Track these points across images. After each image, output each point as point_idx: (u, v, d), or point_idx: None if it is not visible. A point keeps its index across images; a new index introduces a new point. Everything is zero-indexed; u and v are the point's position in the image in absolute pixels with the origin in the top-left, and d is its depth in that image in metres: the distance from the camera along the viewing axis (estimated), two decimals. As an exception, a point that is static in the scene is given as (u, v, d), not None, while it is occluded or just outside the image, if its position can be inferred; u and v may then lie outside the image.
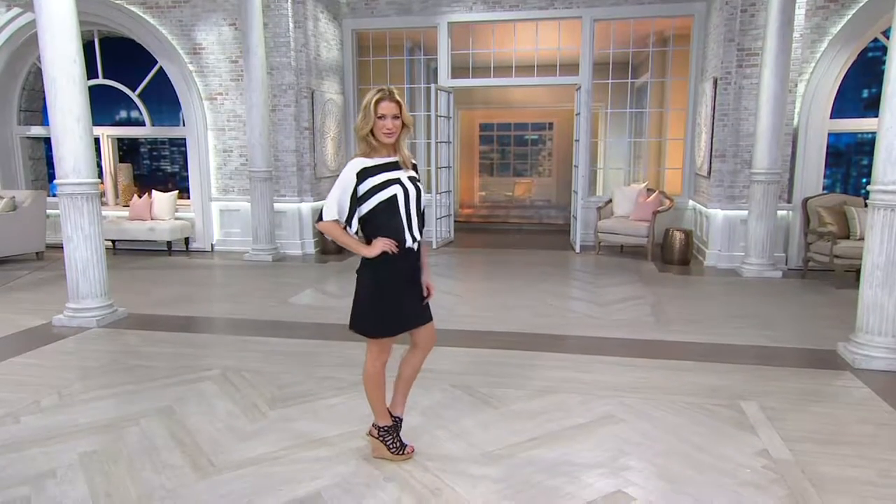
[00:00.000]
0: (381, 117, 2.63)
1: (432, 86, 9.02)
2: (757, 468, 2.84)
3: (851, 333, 4.30)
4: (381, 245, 2.65)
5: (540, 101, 14.08)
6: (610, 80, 9.20)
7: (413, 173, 2.78)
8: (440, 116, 9.15)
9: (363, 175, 2.64)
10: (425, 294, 2.87)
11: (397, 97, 2.65)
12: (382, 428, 2.91)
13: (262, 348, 4.66)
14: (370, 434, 2.95)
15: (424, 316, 2.87)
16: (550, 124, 15.34)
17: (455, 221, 10.41)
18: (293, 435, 3.20)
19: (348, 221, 2.68)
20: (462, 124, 14.77)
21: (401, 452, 2.91)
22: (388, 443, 2.91)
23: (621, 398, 3.67)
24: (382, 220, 2.68)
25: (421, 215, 2.80)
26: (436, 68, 9.57)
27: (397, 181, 2.69)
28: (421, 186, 2.80)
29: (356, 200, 2.65)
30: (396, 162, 2.73)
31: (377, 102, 2.62)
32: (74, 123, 4.88)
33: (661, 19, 8.74)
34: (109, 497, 2.62)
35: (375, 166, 2.68)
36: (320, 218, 2.71)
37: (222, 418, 3.39)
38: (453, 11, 9.02)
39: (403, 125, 2.70)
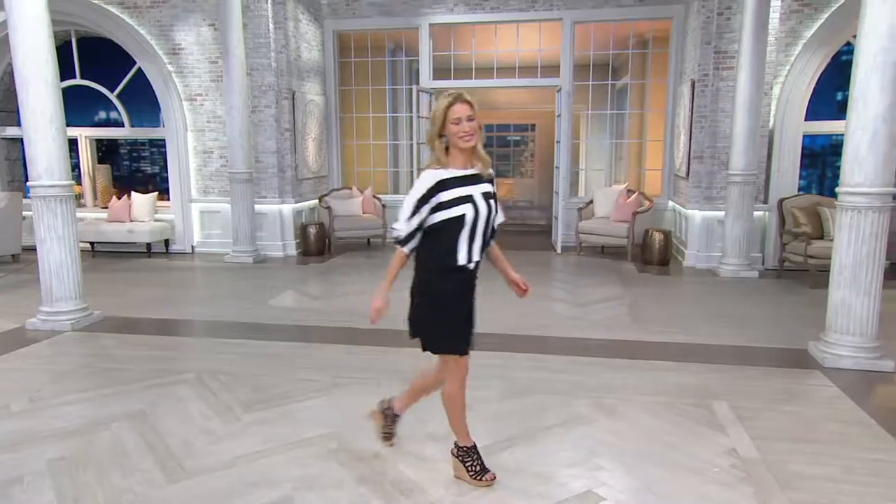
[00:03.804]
0: (456, 121, 2.43)
1: (414, 87, 9.02)
2: (725, 467, 2.88)
3: (821, 333, 4.37)
4: (374, 307, 2.62)
5: (522, 103, 14.13)
6: (591, 82, 9.27)
7: (489, 187, 2.57)
8: (422, 118, 9.16)
9: (438, 188, 2.45)
10: (523, 289, 2.85)
11: (468, 98, 2.47)
12: (463, 448, 2.76)
13: (239, 351, 4.63)
14: (452, 453, 2.81)
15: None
16: (533, 125, 15.41)
17: (438, 222, 10.42)
18: (267, 438, 3.19)
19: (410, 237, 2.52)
20: (445, 126, 14.77)
21: (480, 478, 2.72)
22: (467, 465, 2.74)
23: (596, 398, 3.70)
24: (441, 238, 2.51)
25: (492, 232, 2.64)
26: (418, 69, 9.57)
27: (469, 199, 2.48)
28: (494, 202, 2.59)
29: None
30: (477, 175, 2.54)
31: (448, 107, 2.44)
32: (47, 124, 4.82)
33: (641, 22, 8.82)
34: (76, 503, 2.60)
35: (453, 179, 2.48)
36: (398, 241, 2.54)
37: (196, 422, 3.37)
38: (434, 13, 9.03)
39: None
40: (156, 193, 8.95)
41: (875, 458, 2.98)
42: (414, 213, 2.48)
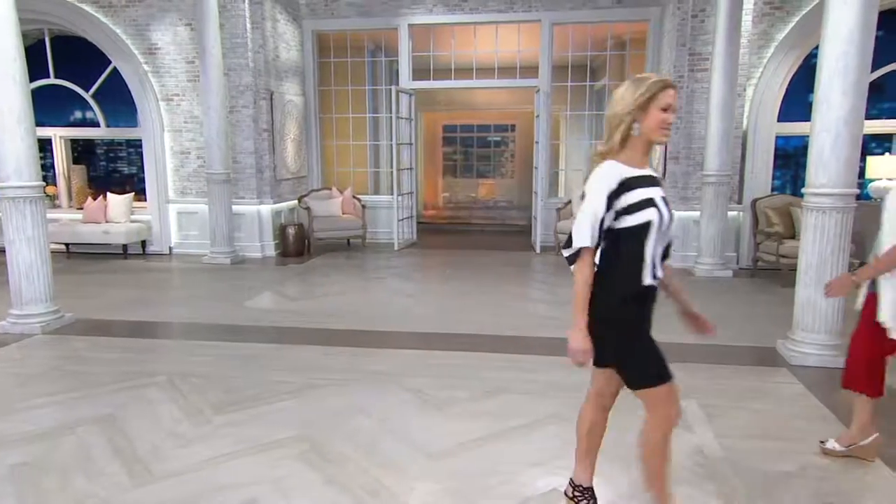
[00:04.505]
0: (665, 108, 2.06)
1: (393, 87, 9.02)
2: (690, 465, 2.93)
3: (789, 331, 4.45)
4: (574, 348, 2.14)
5: (502, 104, 14.20)
6: (569, 83, 9.33)
7: (664, 192, 2.19)
8: (401, 118, 9.16)
9: (624, 187, 2.06)
10: (707, 329, 2.46)
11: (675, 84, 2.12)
12: (577, 486, 2.49)
13: (213, 353, 4.60)
14: (566, 494, 2.53)
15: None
16: (513, 126, 15.48)
17: (419, 223, 10.44)
18: (237, 440, 3.17)
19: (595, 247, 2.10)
20: (425, 126, 14.81)
21: None
22: None
23: (568, 398, 3.71)
24: (624, 250, 2.11)
25: (668, 247, 2.21)
26: (398, 70, 9.57)
27: (653, 203, 2.08)
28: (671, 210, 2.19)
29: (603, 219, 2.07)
30: (654, 177, 2.17)
31: (661, 91, 2.05)
32: (15, 124, 4.75)
33: (618, 24, 8.90)
34: (39, 508, 2.58)
35: (637, 178, 2.09)
36: (568, 245, 2.14)
37: (165, 425, 3.35)
38: (413, 13, 9.04)
39: None
40: (132, 194, 8.86)
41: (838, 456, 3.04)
42: (594, 215, 2.06)
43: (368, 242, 9.46)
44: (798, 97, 7.96)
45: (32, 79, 7.83)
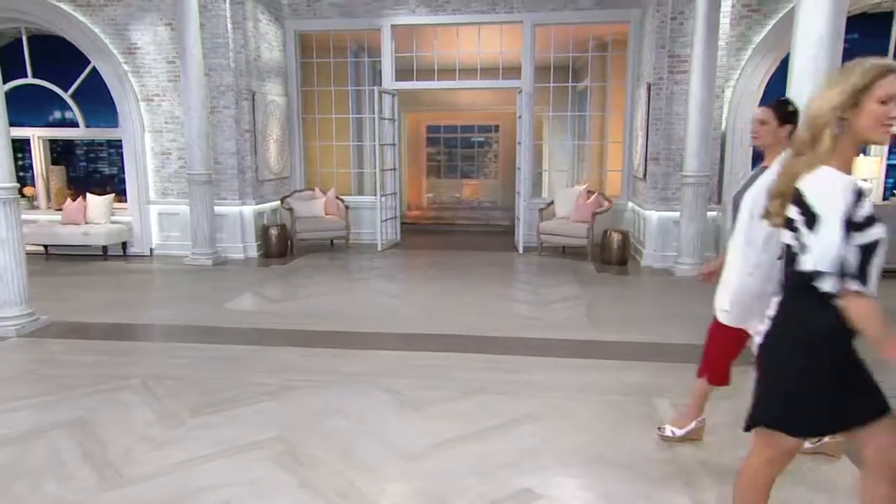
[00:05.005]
0: (886, 100, 1.69)
1: (375, 88, 9.02)
2: (660, 462, 2.96)
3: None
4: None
5: (485, 104, 14.23)
6: (551, 84, 9.38)
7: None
8: (384, 119, 9.16)
9: (859, 199, 1.69)
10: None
11: None
12: None
13: (191, 355, 4.58)
14: None
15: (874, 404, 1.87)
16: (496, 127, 15.54)
17: (403, 223, 10.44)
18: (211, 442, 3.17)
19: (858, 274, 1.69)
20: (409, 126, 14.81)
21: None
22: None
23: (545, 398, 3.75)
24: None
25: None
26: (381, 70, 9.57)
27: (877, 218, 1.71)
28: None
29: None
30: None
31: (879, 77, 1.68)
32: (-11, 125, 4.70)
33: (600, 25, 8.96)
34: (7, 513, 2.56)
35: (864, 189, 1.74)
36: (816, 276, 1.70)
37: (137, 428, 3.33)
38: (396, 14, 9.04)
39: None
40: (112, 195, 8.78)
41: (807, 454, 3.09)
42: (840, 236, 1.67)
43: (352, 243, 9.44)
44: (775, 99, 8.07)
45: (10, 78, 7.73)
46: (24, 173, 9.24)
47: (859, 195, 1.69)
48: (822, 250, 1.68)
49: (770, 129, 2.69)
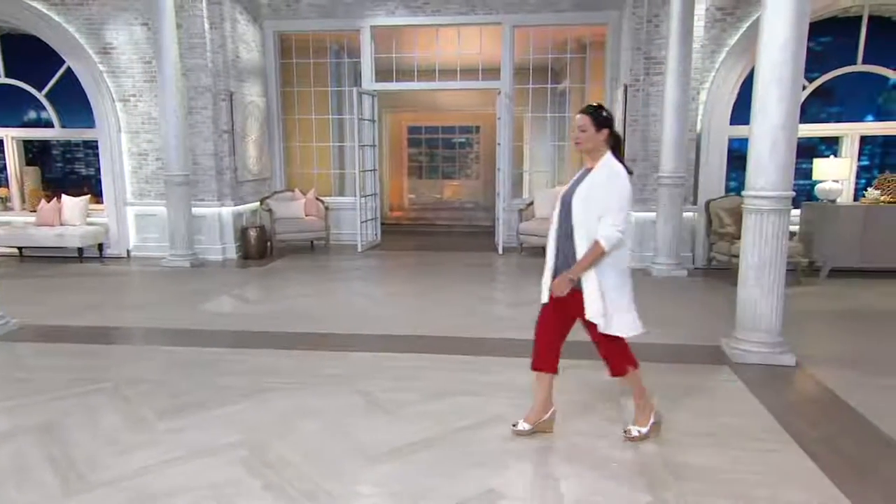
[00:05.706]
0: None
1: (355, 89, 9.01)
2: (624, 461, 3.00)
3: (733, 330, 4.57)
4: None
5: (466, 105, 14.27)
6: (531, 85, 9.43)
7: None
8: (364, 120, 9.16)
9: None
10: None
11: None
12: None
13: (164, 358, 4.56)
14: None
15: None
16: (477, 128, 15.59)
17: (385, 224, 10.45)
18: (177, 446, 3.15)
19: None
20: (390, 127, 14.80)
21: None
22: None
23: (514, 399, 3.77)
24: None
25: None
26: (361, 71, 9.56)
27: None
28: None
29: None
30: None
31: None
32: (-44, 127, 4.63)
33: (578, 27, 9.02)
34: (-33, 520, 2.53)
35: None
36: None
37: (104, 432, 3.31)
38: (376, 15, 9.04)
39: None
40: (88, 196, 8.70)
41: (764, 448, 3.15)
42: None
43: (332, 244, 9.43)
44: (749, 101, 8.12)
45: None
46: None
47: None
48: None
49: (590, 136, 2.95)
